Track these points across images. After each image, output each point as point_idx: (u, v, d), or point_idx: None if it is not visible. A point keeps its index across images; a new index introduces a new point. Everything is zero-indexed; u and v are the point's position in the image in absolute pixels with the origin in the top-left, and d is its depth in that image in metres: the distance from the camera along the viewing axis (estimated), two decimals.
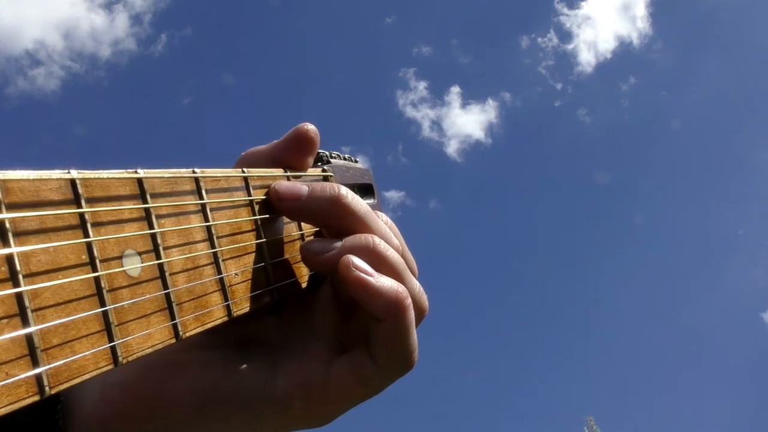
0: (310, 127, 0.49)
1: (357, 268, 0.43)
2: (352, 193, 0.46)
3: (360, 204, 0.46)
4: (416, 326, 0.48)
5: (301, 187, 0.45)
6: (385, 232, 0.47)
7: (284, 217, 0.46)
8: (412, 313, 0.45)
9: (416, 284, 0.48)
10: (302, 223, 0.48)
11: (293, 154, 0.49)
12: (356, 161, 0.59)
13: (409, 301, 0.44)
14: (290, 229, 0.47)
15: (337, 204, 0.45)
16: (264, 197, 0.45)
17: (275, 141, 0.49)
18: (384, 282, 0.44)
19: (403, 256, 0.48)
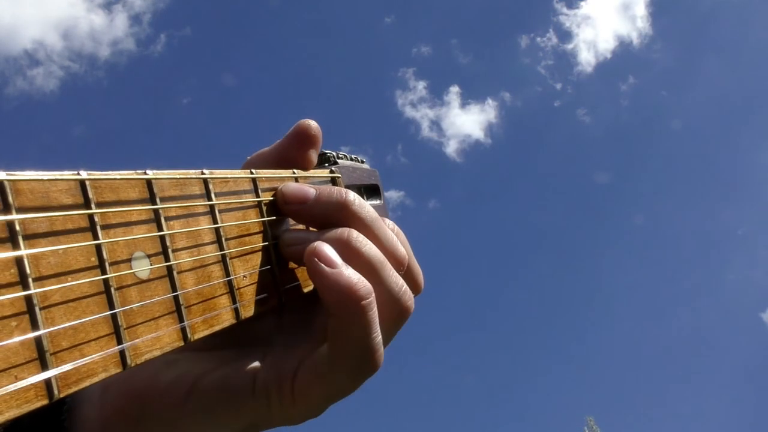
0: (312, 122, 0.49)
1: (318, 256, 0.41)
2: (360, 198, 0.46)
3: (367, 210, 0.46)
4: (397, 326, 0.46)
5: (308, 191, 0.45)
6: (391, 240, 0.46)
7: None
8: (371, 313, 0.42)
9: (397, 282, 0.45)
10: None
11: (296, 150, 0.49)
12: (363, 162, 0.59)
13: (368, 300, 0.41)
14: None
15: (344, 210, 0.45)
16: (272, 199, 0.44)
17: (278, 141, 0.49)
18: (342, 277, 0.41)
19: (408, 265, 0.47)
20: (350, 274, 0.42)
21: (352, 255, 0.43)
